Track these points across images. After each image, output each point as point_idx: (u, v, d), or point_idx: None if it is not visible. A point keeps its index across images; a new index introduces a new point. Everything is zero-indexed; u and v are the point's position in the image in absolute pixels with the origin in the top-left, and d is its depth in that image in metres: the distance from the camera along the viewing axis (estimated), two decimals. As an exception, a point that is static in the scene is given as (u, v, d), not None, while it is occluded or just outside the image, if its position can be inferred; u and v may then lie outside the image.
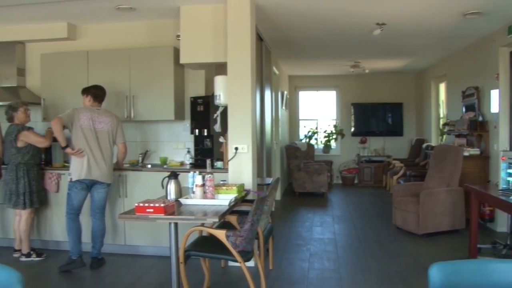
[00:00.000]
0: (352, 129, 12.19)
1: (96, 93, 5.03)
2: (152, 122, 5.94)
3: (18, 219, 5.25)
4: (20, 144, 5.11)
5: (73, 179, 4.79)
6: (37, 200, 5.27)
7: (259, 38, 6.49)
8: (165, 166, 5.56)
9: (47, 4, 5.11)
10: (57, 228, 5.55)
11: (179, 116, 5.70)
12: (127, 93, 5.64)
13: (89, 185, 4.87)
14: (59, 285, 4.53)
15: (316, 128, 12.56)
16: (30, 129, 5.23)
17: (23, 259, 5.23)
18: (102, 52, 5.81)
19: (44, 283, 4.57)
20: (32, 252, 5.27)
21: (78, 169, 4.78)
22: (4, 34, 6.10)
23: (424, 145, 9.99)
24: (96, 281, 4.60)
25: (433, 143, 9.88)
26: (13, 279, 1.98)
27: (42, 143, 5.23)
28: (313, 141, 12.35)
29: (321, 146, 12.43)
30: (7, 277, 2.03)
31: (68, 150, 4.78)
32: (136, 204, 3.45)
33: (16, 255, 5.34)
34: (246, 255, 3.55)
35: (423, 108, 11.17)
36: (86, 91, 5.06)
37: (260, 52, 6.67)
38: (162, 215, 3.36)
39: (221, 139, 5.23)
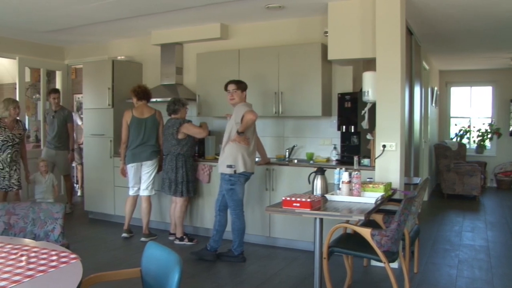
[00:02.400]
0: (511, 129, 11.15)
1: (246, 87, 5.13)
2: (299, 117, 5.99)
3: (174, 206, 5.70)
4: (180, 136, 5.50)
5: (238, 171, 4.84)
6: (192, 189, 5.67)
7: (409, 32, 6.23)
8: (311, 162, 5.60)
9: (202, 7, 5.44)
10: (207, 216, 5.90)
11: (326, 112, 5.70)
12: (275, 89, 5.78)
13: (248, 178, 5.06)
14: (209, 269, 4.83)
15: (469, 127, 11.71)
16: (189, 121, 5.63)
17: (177, 242, 5.67)
18: (252, 50, 6.03)
19: (195, 265, 4.90)
20: (185, 237, 5.68)
21: (247, 162, 4.85)
22: (166, 37, 6.68)
23: None
24: (241, 268, 4.83)
25: None
26: (173, 259, 2.18)
27: (200, 133, 5.62)
28: (464, 141, 11.54)
29: (473, 146, 11.58)
30: (167, 257, 2.25)
31: (245, 136, 4.81)
32: (283, 198, 3.54)
33: (171, 238, 5.81)
34: (391, 256, 3.45)
35: None
36: (245, 86, 5.09)
37: (410, 46, 6.41)
38: (308, 210, 3.39)
39: (369, 136, 5.13)
